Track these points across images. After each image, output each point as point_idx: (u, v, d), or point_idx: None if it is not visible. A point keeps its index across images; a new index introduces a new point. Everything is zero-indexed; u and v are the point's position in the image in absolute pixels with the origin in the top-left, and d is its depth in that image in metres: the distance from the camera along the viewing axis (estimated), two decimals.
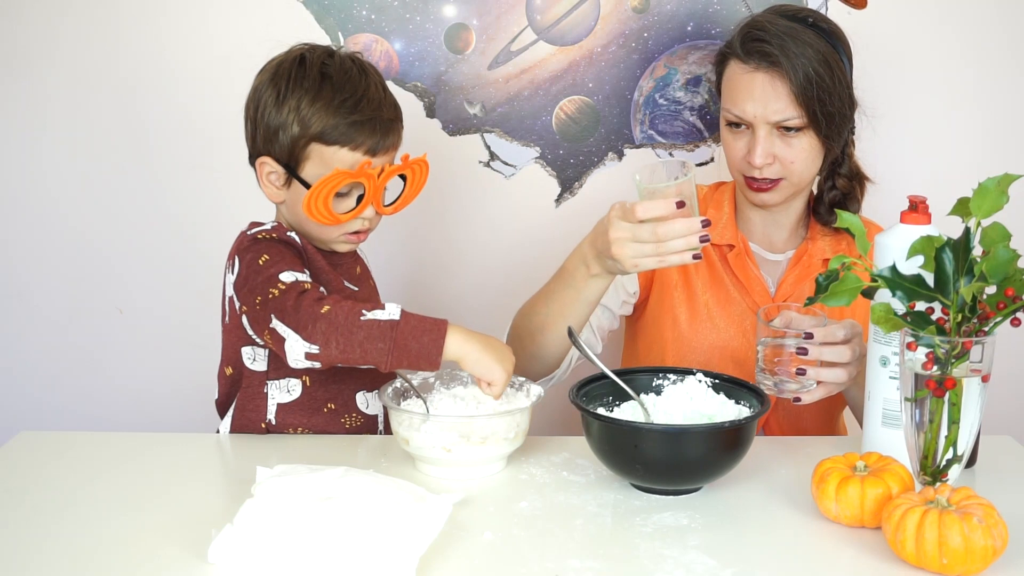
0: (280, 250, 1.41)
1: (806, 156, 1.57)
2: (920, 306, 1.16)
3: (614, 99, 1.97)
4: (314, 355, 1.30)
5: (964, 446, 1.16)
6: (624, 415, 1.32)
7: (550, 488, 1.26)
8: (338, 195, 1.43)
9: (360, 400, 1.50)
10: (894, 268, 1.16)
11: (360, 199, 1.45)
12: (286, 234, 1.45)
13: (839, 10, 1.93)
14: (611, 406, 1.35)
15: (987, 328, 1.14)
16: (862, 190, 1.69)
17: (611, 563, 1.07)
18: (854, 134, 1.66)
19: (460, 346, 1.30)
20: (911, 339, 1.14)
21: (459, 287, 2.04)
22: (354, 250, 1.55)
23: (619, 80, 1.96)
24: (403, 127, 1.49)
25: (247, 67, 1.86)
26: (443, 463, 1.27)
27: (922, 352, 1.14)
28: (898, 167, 2.00)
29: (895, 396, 1.26)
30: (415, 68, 1.95)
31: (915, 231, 1.22)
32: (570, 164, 2.00)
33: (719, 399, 1.33)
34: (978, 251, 1.14)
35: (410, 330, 1.29)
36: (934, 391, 1.13)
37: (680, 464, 1.21)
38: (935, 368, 1.13)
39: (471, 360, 1.30)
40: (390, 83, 1.93)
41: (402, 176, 1.49)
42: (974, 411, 1.15)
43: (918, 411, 1.15)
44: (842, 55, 1.59)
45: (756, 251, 1.68)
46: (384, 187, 1.47)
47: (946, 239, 1.15)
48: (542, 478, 1.29)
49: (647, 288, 1.70)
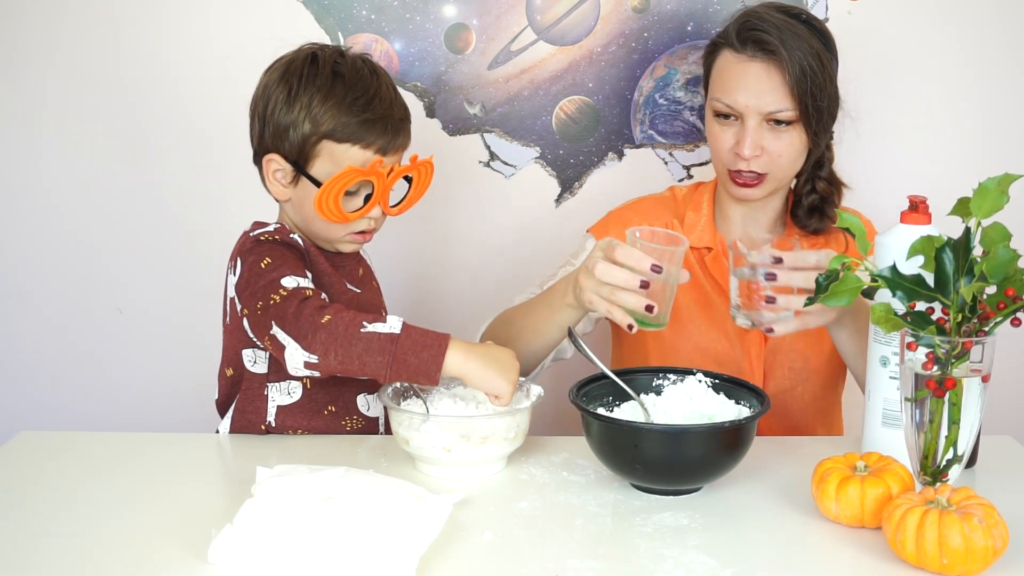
0: (283, 253, 1.41)
1: (793, 151, 1.58)
2: (920, 306, 1.15)
3: (614, 99, 1.97)
4: (313, 364, 1.30)
5: (964, 446, 1.16)
6: (624, 415, 1.32)
7: (550, 488, 1.26)
8: (346, 194, 1.43)
9: (361, 402, 1.50)
10: (894, 268, 1.16)
11: (367, 199, 1.45)
12: (289, 236, 1.45)
13: (840, 9, 1.93)
14: (611, 406, 1.35)
15: (987, 328, 1.14)
16: (839, 196, 1.69)
17: (611, 563, 1.07)
18: (833, 138, 1.66)
19: (462, 364, 1.30)
20: (911, 339, 1.14)
21: (459, 287, 2.04)
22: (358, 251, 1.55)
23: (619, 80, 1.96)
24: (410, 135, 1.49)
25: (247, 67, 1.86)
26: (443, 463, 1.27)
27: (922, 352, 1.14)
28: (898, 167, 2.00)
29: (895, 396, 1.26)
30: (415, 68, 1.95)
31: (915, 231, 1.22)
32: (570, 164, 2.00)
33: (719, 399, 1.33)
34: (978, 251, 1.14)
35: (410, 344, 1.29)
36: (934, 391, 1.13)
37: (680, 464, 1.21)
38: (935, 368, 1.13)
39: (474, 377, 1.31)
40: None
41: (407, 178, 1.50)
42: (974, 411, 1.15)
43: (918, 411, 1.15)
44: (831, 54, 1.60)
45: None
46: (391, 188, 1.47)
47: (946, 239, 1.15)
48: (542, 478, 1.29)
49: None
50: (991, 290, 1.13)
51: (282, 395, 1.45)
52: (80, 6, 1.92)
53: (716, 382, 1.35)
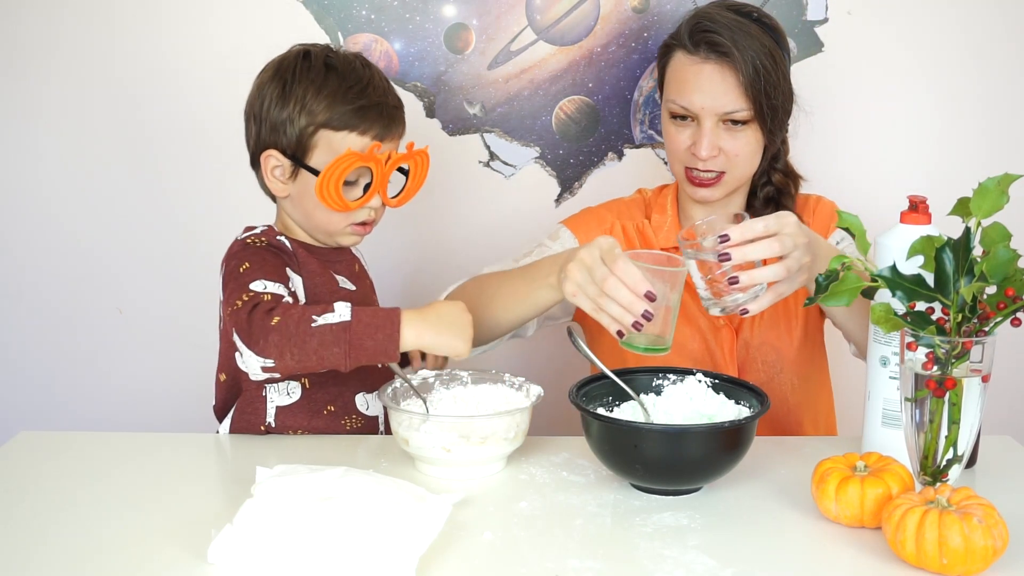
0: (263, 257, 1.42)
1: (750, 150, 1.59)
2: (920, 306, 1.16)
3: (614, 99, 1.97)
4: (270, 368, 1.32)
5: (964, 446, 1.16)
6: (624, 415, 1.32)
7: (550, 488, 1.26)
8: (346, 184, 1.44)
9: (360, 402, 1.50)
10: (894, 268, 1.16)
11: (367, 189, 1.46)
12: (275, 238, 1.45)
13: (840, 9, 1.93)
14: (611, 406, 1.35)
15: (987, 328, 1.14)
16: (796, 187, 1.70)
17: (611, 563, 1.07)
18: (788, 131, 1.67)
19: (417, 335, 1.33)
20: (911, 339, 1.14)
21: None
22: (357, 244, 1.55)
23: (619, 80, 1.96)
24: (405, 124, 1.50)
25: (247, 67, 1.85)
26: (443, 463, 1.27)
27: (922, 352, 1.13)
28: (897, 167, 2.01)
29: (895, 396, 1.26)
30: (415, 68, 1.95)
31: (915, 231, 1.22)
32: (570, 164, 2.00)
33: (719, 399, 1.33)
34: (978, 251, 1.14)
35: (363, 328, 1.30)
36: (934, 391, 1.13)
37: (680, 464, 1.21)
38: (935, 368, 1.13)
39: (430, 345, 1.33)
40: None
41: (404, 172, 1.51)
42: (974, 411, 1.15)
43: (918, 411, 1.15)
44: (783, 50, 1.61)
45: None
46: (389, 177, 1.48)
47: (946, 239, 1.15)
48: (542, 478, 1.29)
49: None
50: (991, 290, 1.13)
51: (281, 395, 1.45)
52: (80, 5, 1.92)
53: (716, 382, 1.35)
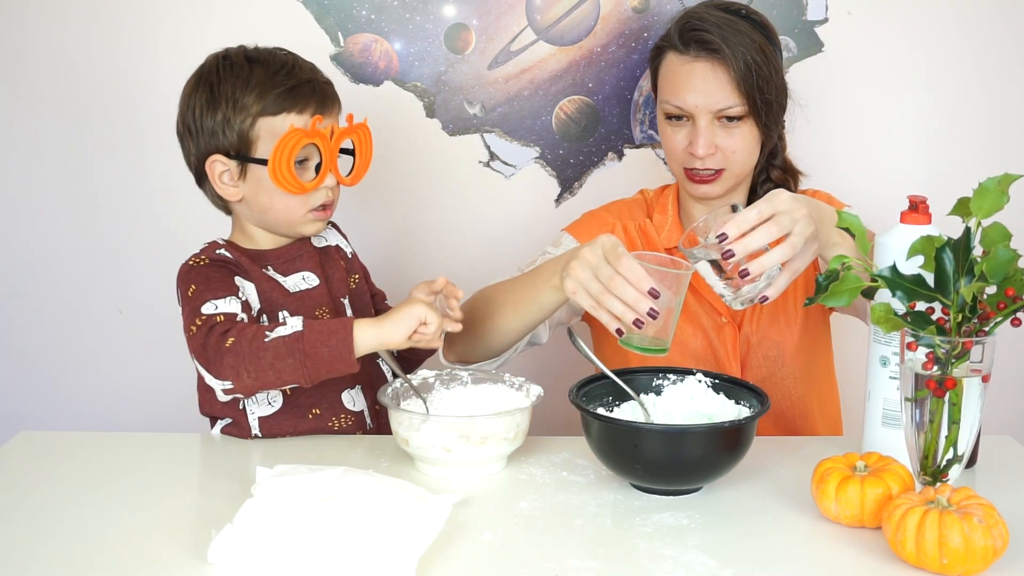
0: (208, 276, 1.42)
1: (747, 145, 1.59)
2: (920, 306, 1.16)
3: (614, 99, 1.97)
4: (230, 390, 1.33)
5: (964, 446, 1.16)
6: (624, 415, 1.32)
7: (550, 488, 1.26)
8: (297, 166, 1.43)
9: (346, 399, 1.50)
10: (894, 268, 1.16)
11: (318, 169, 1.45)
12: (215, 252, 1.45)
13: (840, 9, 1.93)
14: (611, 406, 1.35)
15: (987, 328, 1.14)
16: (796, 183, 1.71)
17: (611, 563, 1.07)
18: (785, 127, 1.68)
19: (371, 337, 1.32)
20: (911, 339, 1.14)
21: (459, 287, 2.04)
22: (320, 231, 1.52)
23: (619, 80, 1.96)
24: (340, 100, 1.50)
25: None
26: (443, 463, 1.27)
27: (922, 352, 1.13)
28: (898, 167, 2.00)
29: (895, 396, 1.26)
30: (415, 68, 1.95)
31: (915, 231, 1.22)
32: (570, 164, 2.00)
33: (719, 399, 1.33)
34: (978, 251, 1.14)
35: (316, 336, 1.30)
36: (934, 391, 1.13)
37: (680, 464, 1.21)
38: (935, 368, 1.13)
39: (388, 340, 1.33)
40: (390, 83, 1.94)
41: (350, 152, 1.49)
42: (974, 411, 1.15)
43: (918, 411, 1.15)
44: (774, 46, 1.61)
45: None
46: (337, 153, 1.46)
47: (946, 239, 1.15)
48: (542, 478, 1.29)
49: None
50: (991, 290, 1.13)
51: (260, 406, 1.44)
52: (80, 5, 1.92)
53: (716, 382, 1.35)
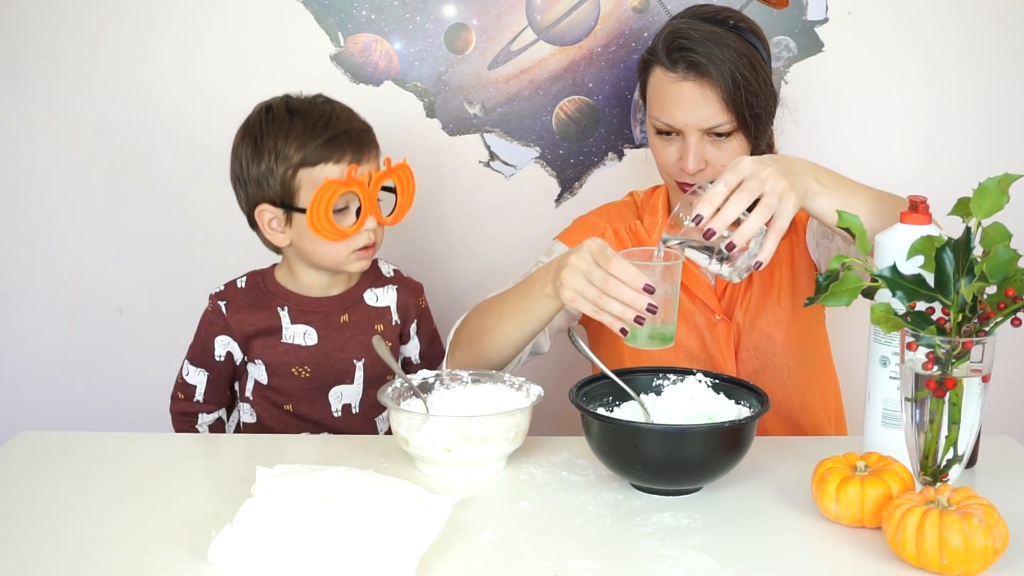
0: (200, 335, 1.64)
1: (736, 158, 1.58)
2: (920, 306, 1.16)
3: (614, 99, 1.97)
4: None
5: (964, 446, 1.16)
6: (624, 415, 1.32)
7: (550, 488, 1.26)
8: (338, 212, 1.51)
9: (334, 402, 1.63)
10: (894, 268, 1.16)
11: (359, 213, 1.52)
12: (217, 304, 1.62)
13: (840, 9, 1.93)
14: (611, 406, 1.35)
15: (987, 328, 1.14)
16: None
17: (611, 563, 1.07)
18: (774, 129, 1.67)
19: None
20: (911, 339, 1.14)
21: (458, 287, 2.04)
22: (365, 268, 1.61)
23: (619, 80, 1.96)
24: (378, 144, 1.58)
25: (246, 66, 1.86)
26: (443, 463, 1.27)
27: (922, 352, 1.13)
28: (898, 167, 2.00)
29: (895, 396, 1.26)
30: (415, 68, 1.95)
31: (915, 231, 1.21)
32: (570, 164, 2.00)
33: (719, 399, 1.33)
34: (978, 251, 1.14)
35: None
36: (934, 391, 1.13)
37: (680, 464, 1.21)
38: (935, 368, 1.13)
39: None
40: (390, 83, 1.94)
41: (392, 190, 1.57)
42: (974, 411, 1.15)
43: (918, 411, 1.15)
44: (762, 54, 1.59)
45: None
46: (377, 196, 1.54)
47: (946, 239, 1.15)
48: (542, 478, 1.29)
49: None
50: (991, 290, 1.13)
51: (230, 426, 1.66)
52: (79, 6, 1.92)
53: (716, 382, 1.35)
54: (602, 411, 1.31)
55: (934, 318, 1.14)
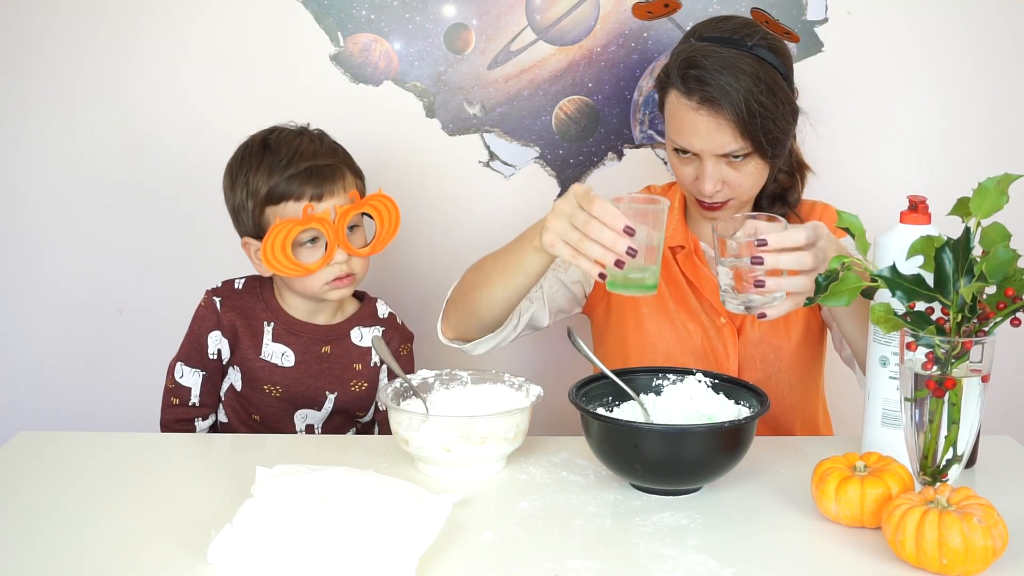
0: (192, 333, 1.63)
1: (754, 178, 1.58)
2: (920, 306, 1.15)
3: (614, 99, 1.97)
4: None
5: (964, 446, 1.16)
6: (624, 415, 1.32)
7: (550, 488, 1.26)
8: (310, 244, 1.54)
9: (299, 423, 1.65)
10: (894, 268, 1.16)
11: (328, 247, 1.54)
12: (212, 299, 1.62)
13: (840, 9, 1.93)
14: (611, 406, 1.35)
15: (987, 328, 1.14)
16: (803, 180, 1.70)
17: (611, 563, 1.07)
18: (796, 139, 1.66)
19: None
20: (911, 339, 1.14)
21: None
22: (344, 296, 1.62)
23: (619, 80, 1.96)
24: (351, 171, 1.59)
25: (245, 66, 1.85)
26: (443, 463, 1.27)
27: (922, 352, 1.13)
28: (897, 167, 2.00)
29: (895, 396, 1.26)
30: (415, 68, 1.95)
31: (915, 231, 1.22)
32: (570, 164, 2.00)
33: (719, 399, 1.33)
34: (978, 251, 1.14)
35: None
36: (934, 391, 1.13)
37: (680, 464, 1.21)
38: (935, 368, 1.13)
39: None
40: (389, 83, 1.94)
41: (371, 217, 1.58)
42: (974, 411, 1.15)
43: (918, 411, 1.15)
44: (782, 71, 1.56)
45: (707, 250, 1.69)
46: (345, 229, 1.54)
47: (946, 239, 1.15)
48: (542, 478, 1.29)
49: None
50: (991, 290, 1.13)
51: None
52: (79, 7, 1.92)
53: (716, 382, 1.35)
54: (602, 411, 1.31)
55: (933, 318, 1.14)
